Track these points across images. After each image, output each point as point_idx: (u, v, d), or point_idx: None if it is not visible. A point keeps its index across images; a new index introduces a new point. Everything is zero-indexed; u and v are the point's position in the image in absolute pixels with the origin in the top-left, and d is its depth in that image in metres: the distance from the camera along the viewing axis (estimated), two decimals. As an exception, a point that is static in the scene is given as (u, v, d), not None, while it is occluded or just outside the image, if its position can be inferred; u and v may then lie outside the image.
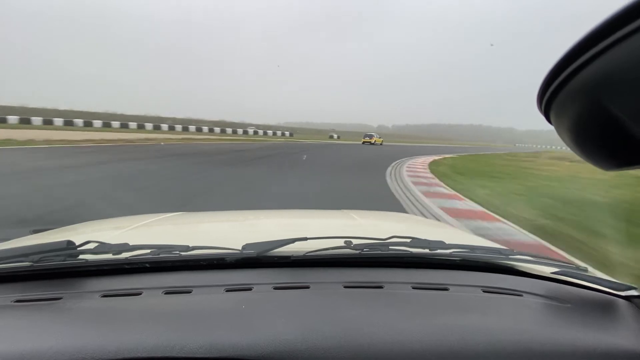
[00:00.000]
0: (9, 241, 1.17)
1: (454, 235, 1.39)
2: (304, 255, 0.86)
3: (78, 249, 0.82)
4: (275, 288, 0.76)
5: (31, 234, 1.38)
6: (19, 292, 0.74)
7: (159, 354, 0.55)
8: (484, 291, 0.78)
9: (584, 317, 0.70)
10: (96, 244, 0.84)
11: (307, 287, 0.76)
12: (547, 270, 0.88)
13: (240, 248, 0.86)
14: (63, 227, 1.49)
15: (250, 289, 0.75)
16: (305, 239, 0.87)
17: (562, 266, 0.86)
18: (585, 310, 0.72)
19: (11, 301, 0.71)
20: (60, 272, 0.81)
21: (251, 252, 0.85)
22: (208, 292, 0.75)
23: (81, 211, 4.83)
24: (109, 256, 0.83)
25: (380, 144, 40.35)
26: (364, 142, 40.30)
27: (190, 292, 0.74)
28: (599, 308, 0.74)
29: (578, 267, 0.85)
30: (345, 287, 0.77)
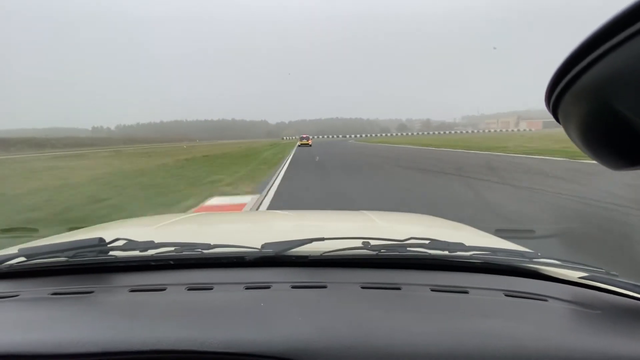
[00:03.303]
0: (48, 237, 1.28)
1: (475, 237, 1.36)
2: (321, 255, 0.87)
3: (108, 245, 0.87)
4: (293, 287, 0.77)
5: (67, 231, 1.52)
6: (56, 285, 0.80)
7: (182, 348, 0.58)
8: (506, 295, 0.76)
9: (615, 325, 0.66)
10: (125, 241, 0.88)
11: (325, 287, 0.77)
12: (574, 275, 0.84)
13: (259, 247, 0.88)
14: (96, 225, 1.62)
15: (268, 287, 0.77)
16: (323, 239, 0.88)
17: (591, 271, 0.82)
18: (616, 317, 0.69)
19: (48, 294, 0.76)
20: (92, 267, 0.87)
21: (270, 252, 0.87)
22: (228, 290, 0.77)
23: None
24: (136, 253, 0.88)
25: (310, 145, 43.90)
26: (301, 145, 43.79)
27: (212, 288, 0.77)
28: (631, 315, 0.70)
29: (608, 272, 0.81)
30: (363, 287, 0.77)
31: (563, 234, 3.86)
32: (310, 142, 45.71)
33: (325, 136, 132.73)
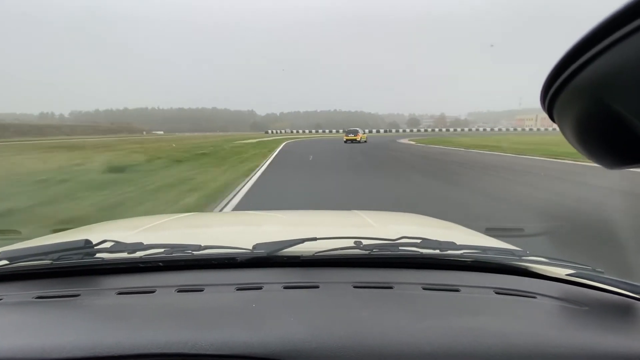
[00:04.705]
0: (31, 240, 1.23)
1: (465, 236, 1.37)
2: (314, 255, 0.87)
3: (95, 247, 0.85)
4: (285, 287, 0.76)
5: (52, 232, 1.45)
6: (40, 289, 0.77)
7: (172, 351, 0.57)
8: (497, 293, 0.76)
9: (602, 320, 0.67)
10: (112, 243, 0.86)
11: (317, 287, 0.76)
12: (562, 272, 0.86)
13: (250, 248, 0.87)
14: (81, 227, 1.56)
15: (260, 288, 0.76)
16: (315, 239, 0.87)
17: (578, 268, 0.83)
18: (602, 313, 0.70)
19: (32, 297, 0.74)
20: (78, 270, 0.84)
21: (261, 252, 0.86)
22: (219, 291, 0.76)
23: None
24: (124, 255, 0.86)
25: (365, 141, 31.54)
26: (346, 140, 31.27)
27: (202, 290, 0.76)
28: (617, 311, 0.72)
29: (595, 269, 0.83)
30: (355, 287, 0.77)
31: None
32: (359, 137, 30.88)
33: (333, 131, 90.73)
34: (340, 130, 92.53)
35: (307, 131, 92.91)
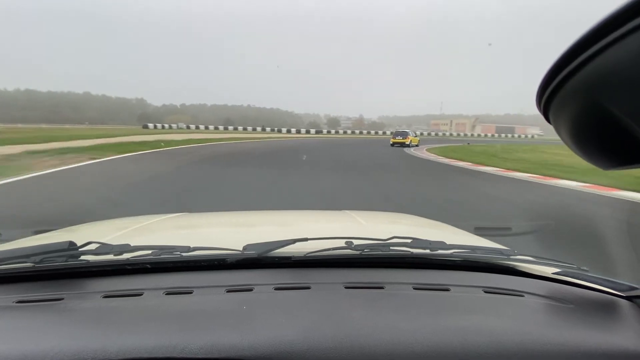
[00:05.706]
0: (12, 242, 1.19)
1: (455, 236, 1.39)
2: (305, 256, 0.86)
3: (80, 249, 0.82)
4: (276, 289, 0.76)
5: (34, 234, 1.40)
6: (21, 293, 0.75)
7: (160, 355, 0.55)
8: (485, 292, 0.78)
9: (586, 318, 0.69)
10: (98, 245, 0.84)
11: (308, 288, 0.76)
12: (548, 270, 0.88)
13: (241, 249, 0.86)
14: (65, 228, 1.51)
15: (251, 290, 0.75)
16: (306, 239, 0.87)
17: (564, 267, 0.85)
18: (587, 310, 0.72)
19: (13, 302, 0.71)
20: (62, 273, 0.82)
21: (252, 253, 0.85)
22: (209, 293, 0.75)
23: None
24: (111, 257, 0.83)
25: (417, 145, 27.39)
26: (393, 144, 27.35)
27: (191, 292, 0.74)
28: (601, 308, 0.73)
29: (580, 268, 0.85)
30: (346, 287, 0.77)
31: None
32: (409, 139, 27.09)
33: (249, 129, 69.90)
34: (258, 129, 70.53)
35: (211, 127, 67.24)
